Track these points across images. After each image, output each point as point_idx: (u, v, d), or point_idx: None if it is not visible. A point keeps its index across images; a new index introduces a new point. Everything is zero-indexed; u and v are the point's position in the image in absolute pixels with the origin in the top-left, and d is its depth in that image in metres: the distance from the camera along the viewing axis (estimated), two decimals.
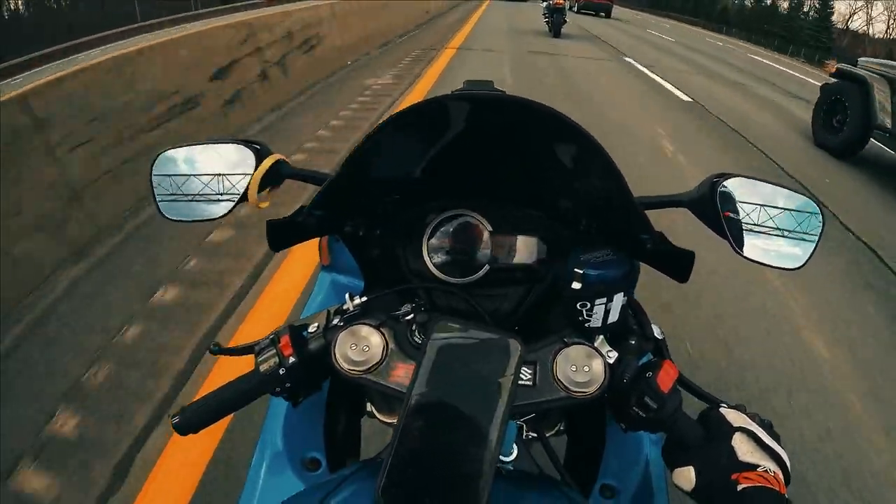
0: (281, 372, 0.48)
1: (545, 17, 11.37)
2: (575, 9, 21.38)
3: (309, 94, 4.90)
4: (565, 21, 10.95)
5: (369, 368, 0.46)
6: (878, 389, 1.95)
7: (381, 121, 0.45)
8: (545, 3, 11.58)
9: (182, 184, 0.58)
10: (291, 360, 0.48)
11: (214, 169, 0.58)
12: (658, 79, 7.63)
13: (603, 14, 22.04)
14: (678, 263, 0.51)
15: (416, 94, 5.12)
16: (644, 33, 16.80)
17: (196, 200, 0.58)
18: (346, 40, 6.21)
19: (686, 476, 0.46)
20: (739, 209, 0.54)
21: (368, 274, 0.63)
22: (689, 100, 6.45)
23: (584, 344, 0.47)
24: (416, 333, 0.49)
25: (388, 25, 8.36)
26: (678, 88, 6.99)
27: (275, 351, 0.49)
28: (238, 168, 0.57)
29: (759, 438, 0.45)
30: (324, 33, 5.54)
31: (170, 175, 0.58)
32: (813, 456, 1.61)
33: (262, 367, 0.49)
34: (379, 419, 0.62)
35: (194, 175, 0.58)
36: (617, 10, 24.16)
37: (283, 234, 0.54)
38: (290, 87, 4.65)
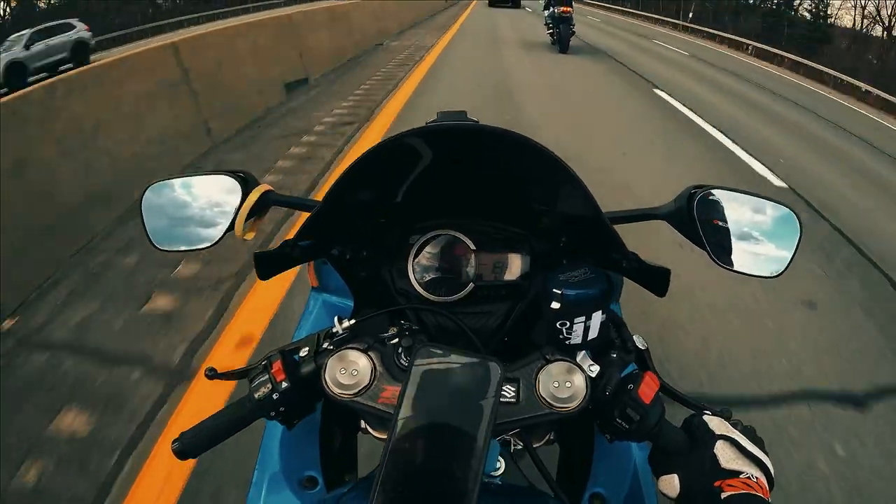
0: (275, 397, 0.50)
1: (548, 29, 9.58)
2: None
3: None
4: (573, 33, 9.23)
5: (359, 392, 0.47)
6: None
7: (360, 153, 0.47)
8: (547, 12, 9.50)
9: (171, 214, 0.60)
10: (284, 385, 0.50)
11: (203, 200, 0.59)
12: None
13: (510, 4, 22.24)
14: (655, 279, 0.52)
15: None
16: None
17: (185, 230, 0.59)
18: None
19: (671, 484, 0.47)
20: (717, 220, 0.55)
21: (358, 294, 0.64)
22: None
23: (565, 360, 0.48)
24: (403, 356, 0.50)
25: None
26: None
27: (268, 377, 0.50)
28: (226, 198, 0.58)
29: (742, 445, 0.46)
30: None
31: (160, 205, 0.60)
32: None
33: (256, 394, 0.50)
34: (373, 435, 0.63)
35: (183, 206, 0.59)
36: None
37: (270, 265, 0.55)
38: None
